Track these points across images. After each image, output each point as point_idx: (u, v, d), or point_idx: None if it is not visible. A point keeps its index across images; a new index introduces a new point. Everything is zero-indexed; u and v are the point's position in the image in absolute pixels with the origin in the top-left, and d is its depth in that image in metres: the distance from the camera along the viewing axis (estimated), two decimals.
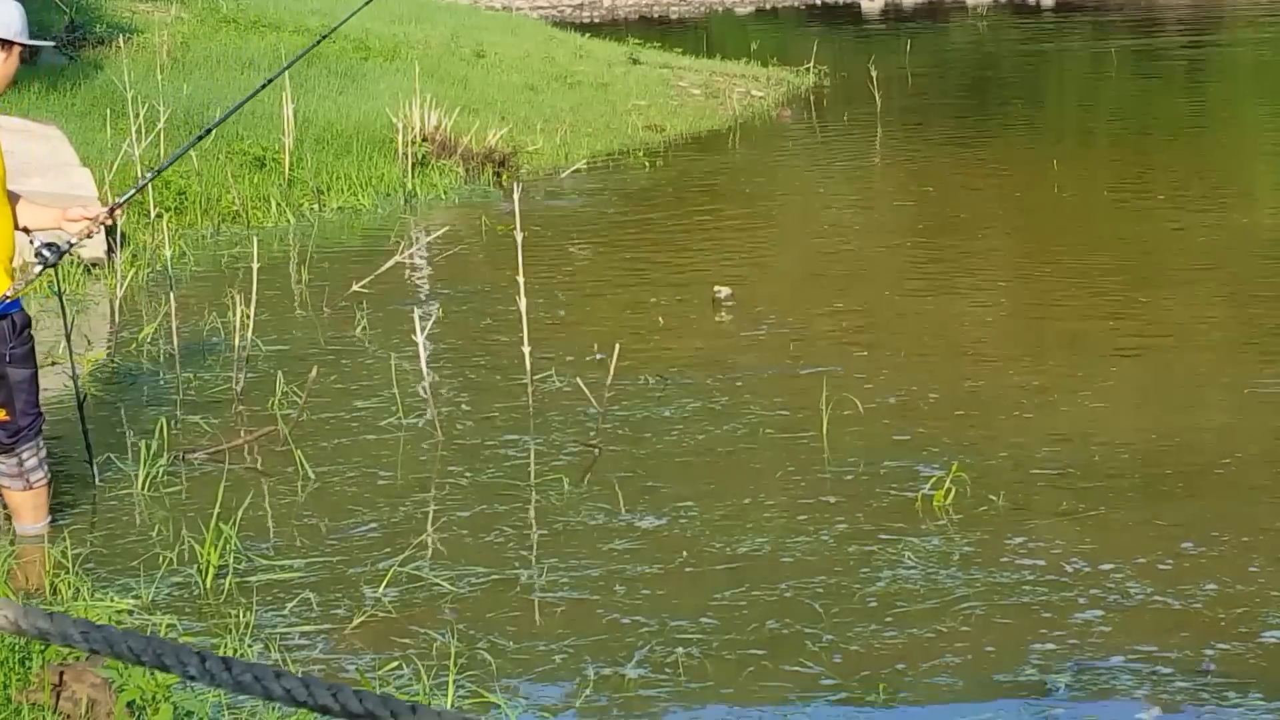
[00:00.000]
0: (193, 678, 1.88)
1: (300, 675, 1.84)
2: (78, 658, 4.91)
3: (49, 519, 6.59)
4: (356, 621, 5.79)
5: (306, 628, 5.78)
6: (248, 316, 8.79)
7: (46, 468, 6.52)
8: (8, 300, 6.23)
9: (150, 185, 12.74)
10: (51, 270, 6.65)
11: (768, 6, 38.05)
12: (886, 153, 17.97)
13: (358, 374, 8.93)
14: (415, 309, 9.56)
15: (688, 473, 7.32)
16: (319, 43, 8.16)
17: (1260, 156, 17.03)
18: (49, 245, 6.29)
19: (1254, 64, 26.41)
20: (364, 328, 9.91)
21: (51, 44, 7.87)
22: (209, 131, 7.34)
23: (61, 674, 4.83)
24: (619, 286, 11.29)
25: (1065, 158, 15.65)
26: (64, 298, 9.29)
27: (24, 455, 6.40)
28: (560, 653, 5.57)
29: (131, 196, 7.04)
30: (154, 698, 4.81)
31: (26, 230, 6.43)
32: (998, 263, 11.91)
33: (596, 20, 35.04)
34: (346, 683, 5.29)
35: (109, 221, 6.51)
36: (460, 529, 6.69)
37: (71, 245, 6.43)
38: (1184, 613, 5.74)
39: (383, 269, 10.76)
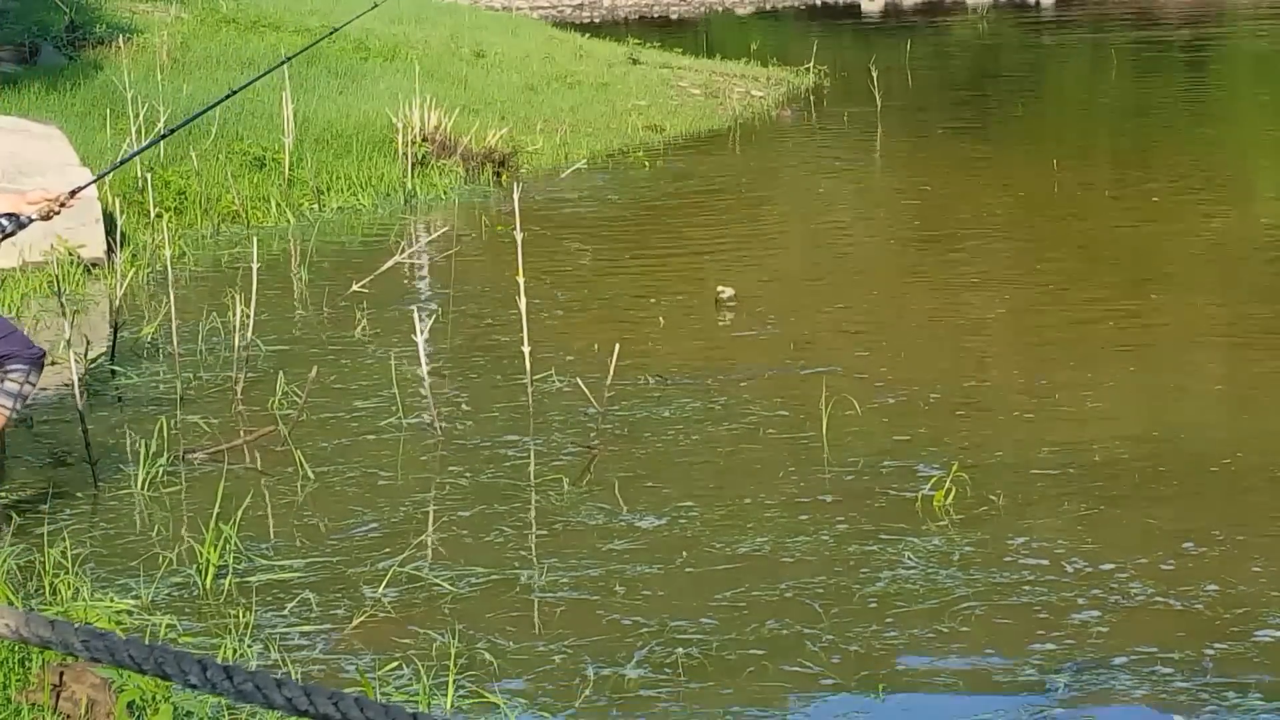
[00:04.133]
0: (194, 686, 1.88)
1: (302, 684, 1.85)
2: (78, 658, 4.91)
3: None
4: (356, 621, 5.79)
5: (306, 628, 5.78)
6: (248, 316, 8.80)
7: (20, 407, 6.55)
8: None
9: (150, 185, 12.73)
10: (52, 270, 6.69)
11: (768, 6, 38.04)
12: (886, 152, 17.98)
13: (358, 374, 8.93)
14: (415, 309, 9.56)
15: (688, 473, 7.32)
16: (310, 46, 8.17)
17: (1261, 155, 17.03)
18: (8, 215, 6.37)
19: (1254, 62, 26.41)
20: (364, 328, 9.91)
21: None
22: (174, 131, 7.36)
23: (61, 674, 4.83)
24: (619, 286, 11.29)
25: (1065, 157, 15.65)
26: (64, 297, 9.30)
27: (11, 373, 6.46)
28: (560, 653, 5.57)
29: (92, 184, 7.12)
30: (154, 698, 4.81)
31: None
32: (998, 262, 11.91)
33: (596, 20, 35.03)
34: (347, 683, 5.30)
35: (70, 203, 6.58)
36: (460, 529, 6.69)
37: (32, 220, 6.49)
38: (1184, 613, 5.74)
39: (383, 269, 10.76)
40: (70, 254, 11.05)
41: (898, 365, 8.96)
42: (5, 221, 6.42)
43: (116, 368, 9.02)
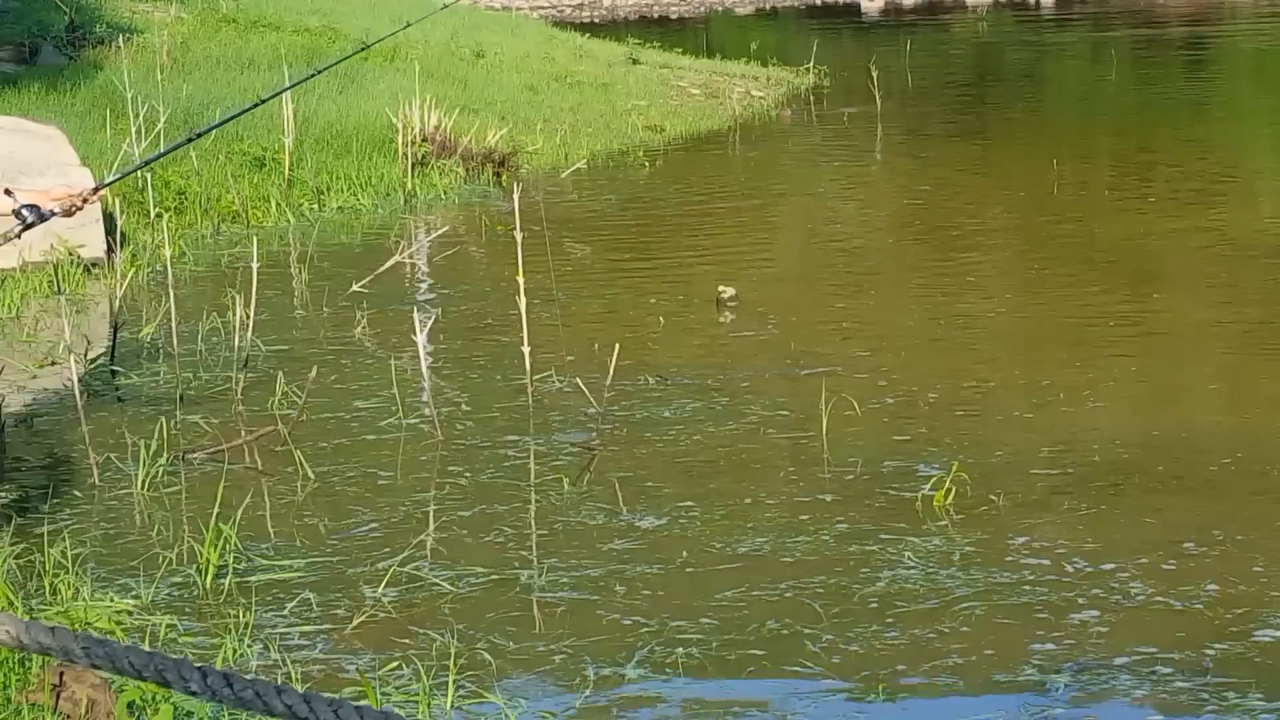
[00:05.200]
0: (194, 693, 1.90)
1: (302, 691, 1.85)
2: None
3: None
4: (356, 621, 5.79)
5: (306, 628, 5.78)
6: (248, 316, 8.79)
7: None
8: None
9: (150, 185, 12.73)
10: (52, 270, 6.65)
11: (768, 6, 38.04)
12: (887, 152, 17.97)
13: (358, 374, 8.93)
14: (415, 309, 9.56)
15: (688, 473, 7.32)
16: (361, 50, 8.17)
17: (1260, 155, 17.03)
18: (30, 206, 6.26)
19: (1254, 62, 26.42)
20: (364, 328, 9.91)
21: None
22: (208, 131, 7.31)
23: (61, 674, 4.83)
24: (619, 286, 11.29)
25: (1065, 157, 15.65)
26: (64, 297, 9.30)
27: None
28: (560, 653, 5.57)
29: (117, 180, 7.06)
30: (154, 698, 4.81)
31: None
32: (998, 262, 11.91)
33: (596, 20, 35.03)
34: (346, 683, 5.30)
35: (93, 199, 6.50)
36: (460, 529, 6.69)
37: (53, 213, 6.38)
38: (1184, 613, 5.74)
39: (383, 269, 10.76)
40: (70, 254, 11.05)
41: (898, 365, 8.95)
42: (26, 213, 6.35)
43: (116, 368, 9.02)
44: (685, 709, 5.20)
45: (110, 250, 11.28)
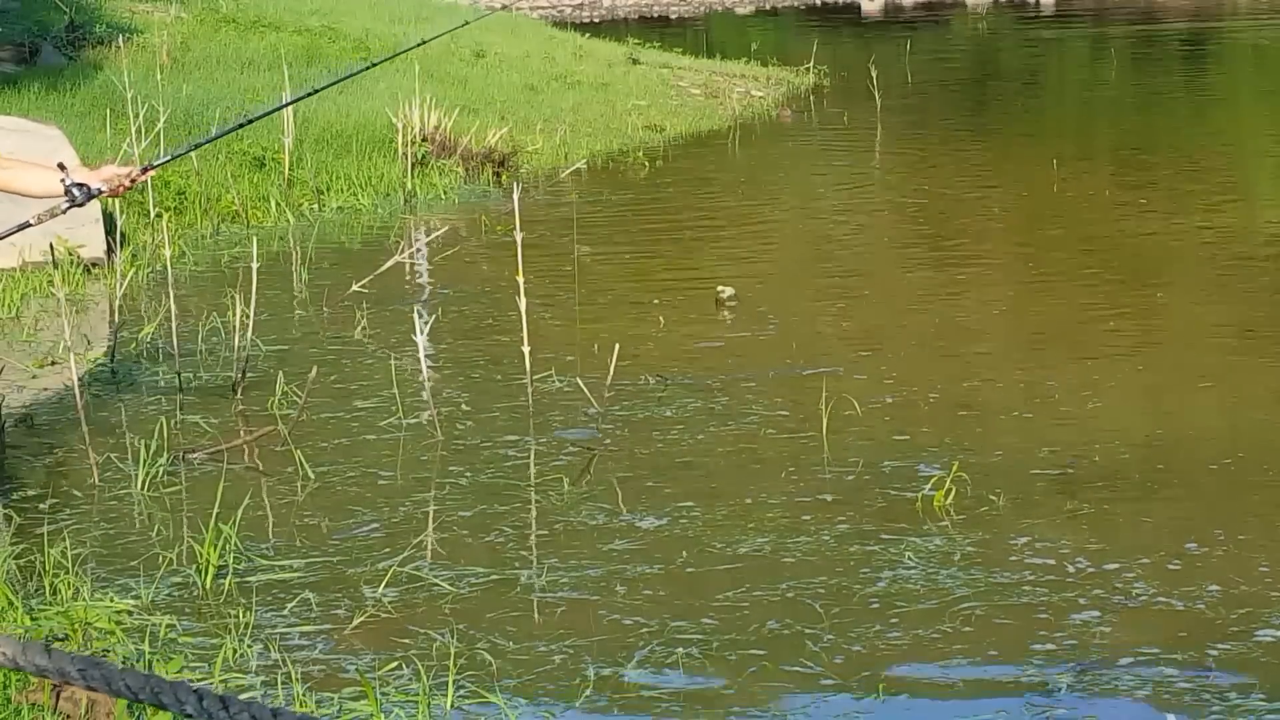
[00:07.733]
0: (190, 716, 1.89)
1: (297, 713, 1.85)
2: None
3: None
4: (356, 621, 5.79)
5: (306, 628, 5.78)
6: (248, 316, 8.79)
7: None
8: None
9: (150, 185, 12.72)
10: (52, 269, 6.61)
11: (768, 6, 38.02)
12: (887, 153, 17.97)
13: (358, 374, 8.93)
14: (415, 309, 9.56)
15: (688, 473, 7.32)
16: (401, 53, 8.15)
17: (1260, 156, 17.02)
18: (79, 185, 6.21)
19: (1255, 64, 26.41)
20: (364, 328, 9.90)
21: None
22: (257, 119, 7.19)
23: None
24: (619, 286, 11.28)
25: (1065, 157, 15.64)
26: (64, 297, 9.29)
27: None
28: (560, 653, 5.57)
29: (166, 162, 7.01)
30: None
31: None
32: (998, 262, 11.90)
33: (596, 20, 35.01)
34: (346, 683, 5.30)
35: (140, 179, 6.45)
36: (460, 529, 6.69)
37: (101, 192, 6.33)
38: (1186, 613, 5.74)
39: (383, 269, 10.75)
40: (70, 254, 11.04)
41: (898, 365, 8.95)
42: (76, 191, 6.32)
43: (116, 368, 9.02)
44: (685, 709, 5.19)
45: (110, 250, 11.27)
